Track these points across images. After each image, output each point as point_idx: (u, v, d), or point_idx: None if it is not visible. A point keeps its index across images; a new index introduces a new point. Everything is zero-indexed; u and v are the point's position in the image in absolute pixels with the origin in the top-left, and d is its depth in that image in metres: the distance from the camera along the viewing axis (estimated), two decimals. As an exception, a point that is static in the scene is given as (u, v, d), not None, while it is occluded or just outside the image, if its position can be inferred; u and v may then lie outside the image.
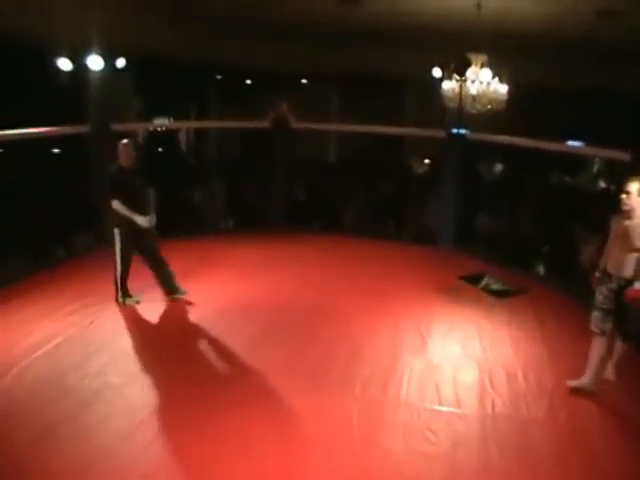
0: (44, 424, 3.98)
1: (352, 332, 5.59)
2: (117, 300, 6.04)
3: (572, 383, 4.64)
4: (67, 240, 7.83)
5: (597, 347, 4.50)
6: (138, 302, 6.06)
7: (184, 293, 6.15)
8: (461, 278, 7.16)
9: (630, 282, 4.32)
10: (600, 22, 6.80)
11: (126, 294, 6.06)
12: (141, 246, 6.00)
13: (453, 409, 4.35)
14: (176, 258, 6.18)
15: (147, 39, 8.93)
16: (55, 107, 8.64)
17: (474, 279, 7.11)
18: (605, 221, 4.49)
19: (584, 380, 4.58)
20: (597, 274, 4.58)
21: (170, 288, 6.12)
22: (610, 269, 4.43)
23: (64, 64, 7.72)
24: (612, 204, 4.32)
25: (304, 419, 4.17)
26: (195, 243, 5.92)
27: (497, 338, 5.59)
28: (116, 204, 5.79)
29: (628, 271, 4.32)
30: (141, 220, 5.82)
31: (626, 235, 4.30)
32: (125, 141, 6.01)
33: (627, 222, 4.31)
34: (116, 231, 5.89)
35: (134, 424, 4.01)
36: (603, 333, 4.45)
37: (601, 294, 4.46)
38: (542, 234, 8.09)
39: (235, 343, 5.30)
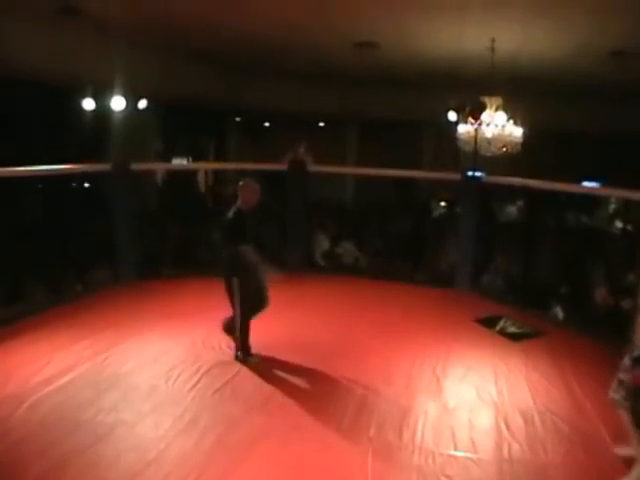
0: (55, 458, 3.96)
1: (367, 374, 5.52)
2: (236, 358, 5.63)
3: (621, 451, 4.10)
4: (84, 275, 7.89)
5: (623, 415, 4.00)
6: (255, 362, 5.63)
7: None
8: (477, 321, 7.08)
9: None
10: (613, 62, 6.88)
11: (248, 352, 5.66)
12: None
13: (469, 454, 4.24)
14: (195, 296, 6.17)
15: (168, 82, 9.20)
16: (77, 145, 8.85)
17: (490, 322, 7.03)
18: (621, 262, 4.27)
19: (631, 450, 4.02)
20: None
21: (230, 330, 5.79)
22: (637, 339, 3.83)
23: (88, 104, 7.97)
24: (629, 244, 4.06)
25: (317, 460, 4.10)
26: (214, 282, 5.88)
27: (513, 381, 5.49)
28: (246, 250, 5.42)
29: None
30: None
31: None
32: (248, 180, 5.64)
33: None
34: (236, 280, 5.48)
35: (144, 462, 3.96)
36: (614, 402, 4.04)
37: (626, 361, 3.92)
38: (559, 275, 8.00)
39: (250, 381, 5.26)
